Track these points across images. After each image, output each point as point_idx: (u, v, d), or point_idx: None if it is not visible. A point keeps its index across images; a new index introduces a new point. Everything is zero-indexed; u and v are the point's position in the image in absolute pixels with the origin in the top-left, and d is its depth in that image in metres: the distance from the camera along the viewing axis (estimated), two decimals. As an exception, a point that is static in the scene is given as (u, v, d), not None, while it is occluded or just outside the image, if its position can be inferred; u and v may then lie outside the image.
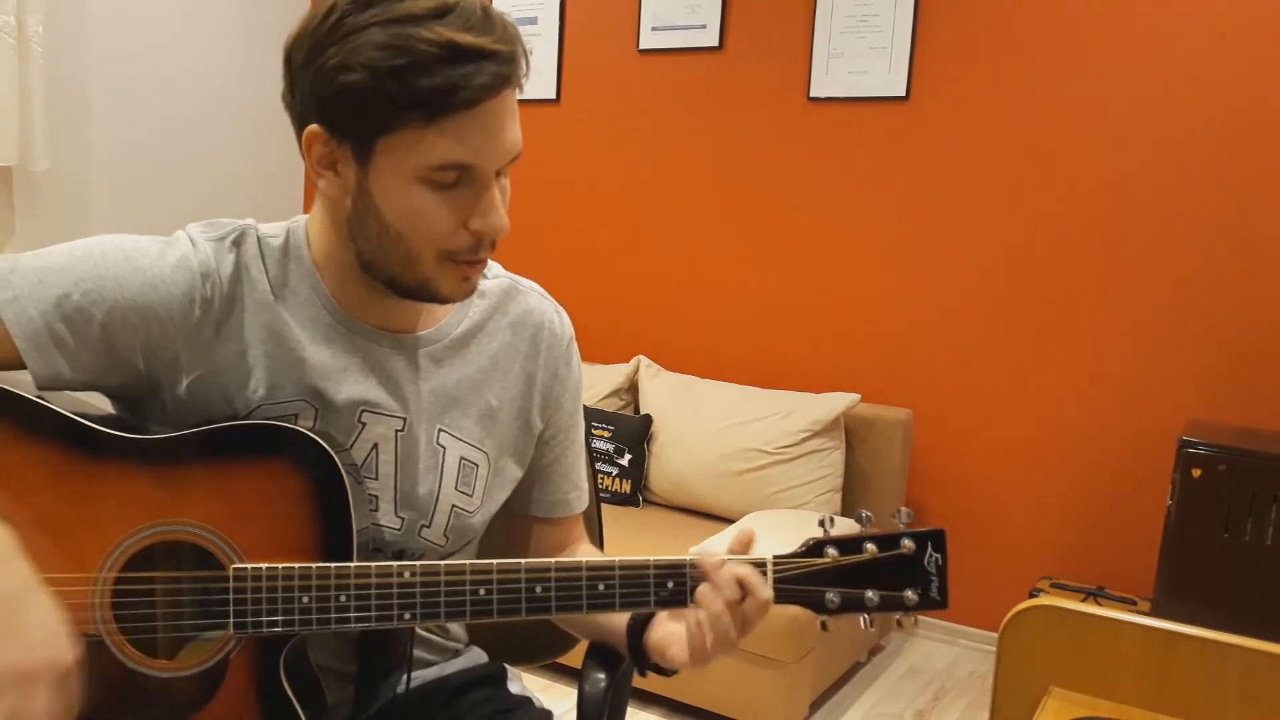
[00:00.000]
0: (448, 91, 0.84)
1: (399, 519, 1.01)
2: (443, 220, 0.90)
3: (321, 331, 0.98)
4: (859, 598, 0.94)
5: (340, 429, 0.98)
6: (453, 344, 1.04)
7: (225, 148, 3.53)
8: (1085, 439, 2.84)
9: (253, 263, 0.97)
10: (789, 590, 0.94)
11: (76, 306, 0.90)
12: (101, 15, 3.16)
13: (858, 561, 0.94)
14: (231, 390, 0.95)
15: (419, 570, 0.90)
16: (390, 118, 0.85)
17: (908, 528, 0.95)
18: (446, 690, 1.10)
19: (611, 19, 3.43)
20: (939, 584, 0.94)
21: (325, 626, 0.90)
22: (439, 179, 0.88)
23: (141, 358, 0.93)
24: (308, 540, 0.91)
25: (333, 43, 0.86)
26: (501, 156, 0.90)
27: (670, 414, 3.03)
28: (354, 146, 0.89)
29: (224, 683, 0.91)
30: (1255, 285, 2.61)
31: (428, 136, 0.86)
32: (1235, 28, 2.58)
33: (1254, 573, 2.18)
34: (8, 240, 3.02)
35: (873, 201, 3.07)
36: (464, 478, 1.04)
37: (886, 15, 2.97)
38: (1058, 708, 1.03)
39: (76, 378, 0.92)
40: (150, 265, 0.92)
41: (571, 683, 2.54)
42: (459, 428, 1.04)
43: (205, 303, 0.94)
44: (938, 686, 2.79)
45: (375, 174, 0.89)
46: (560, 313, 1.14)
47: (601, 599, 0.93)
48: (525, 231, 3.66)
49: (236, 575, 0.89)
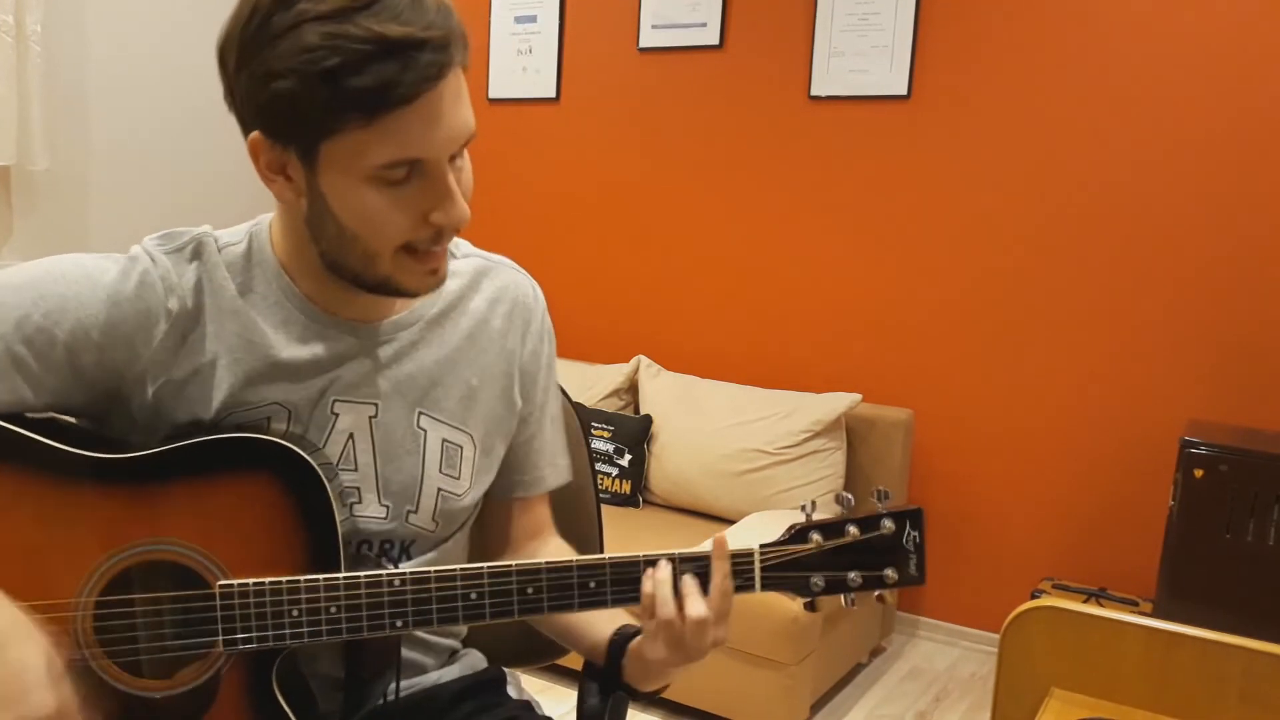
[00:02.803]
0: (383, 89, 0.80)
1: (383, 507, 1.00)
2: (399, 219, 0.87)
3: (296, 332, 0.97)
4: (842, 579, 0.95)
5: (314, 423, 0.97)
6: (426, 326, 1.02)
7: (224, 146, 3.52)
8: (1086, 439, 2.83)
9: (215, 271, 0.95)
10: (776, 578, 0.95)
11: (38, 327, 0.88)
12: (100, 14, 3.16)
13: (840, 544, 0.95)
14: (199, 400, 0.94)
15: (409, 578, 0.90)
16: (329, 121, 0.82)
17: (886, 508, 0.96)
18: (445, 696, 1.09)
19: (611, 17, 3.43)
20: (917, 561, 0.96)
21: (317, 639, 0.89)
22: (389, 177, 0.85)
23: (106, 376, 0.92)
24: (291, 549, 0.90)
25: (261, 46, 0.82)
26: (450, 144, 0.86)
27: (670, 414, 3.02)
28: (299, 151, 0.86)
29: (217, 699, 0.90)
30: (1256, 285, 2.60)
31: (370, 137, 0.83)
32: (1237, 27, 2.58)
33: (1256, 573, 2.17)
34: (6, 239, 3.02)
35: (873, 200, 3.06)
36: (448, 460, 1.03)
37: (887, 14, 2.96)
38: (1059, 709, 1.03)
39: (40, 400, 0.91)
40: (111, 283, 0.91)
41: (571, 684, 2.54)
42: (440, 409, 1.02)
43: (170, 316, 0.93)
44: (939, 688, 2.79)
45: (324, 177, 0.86)
46: (534, 286, 1.12)
47: (593, 596, 0.92)
48: (525, 231, 3.66)
49: (223, 592, 0.88)
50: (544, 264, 3.59)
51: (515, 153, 3.67)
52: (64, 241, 3.14)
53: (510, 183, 3.68)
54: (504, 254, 1.12)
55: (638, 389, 3.19)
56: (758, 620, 2.36)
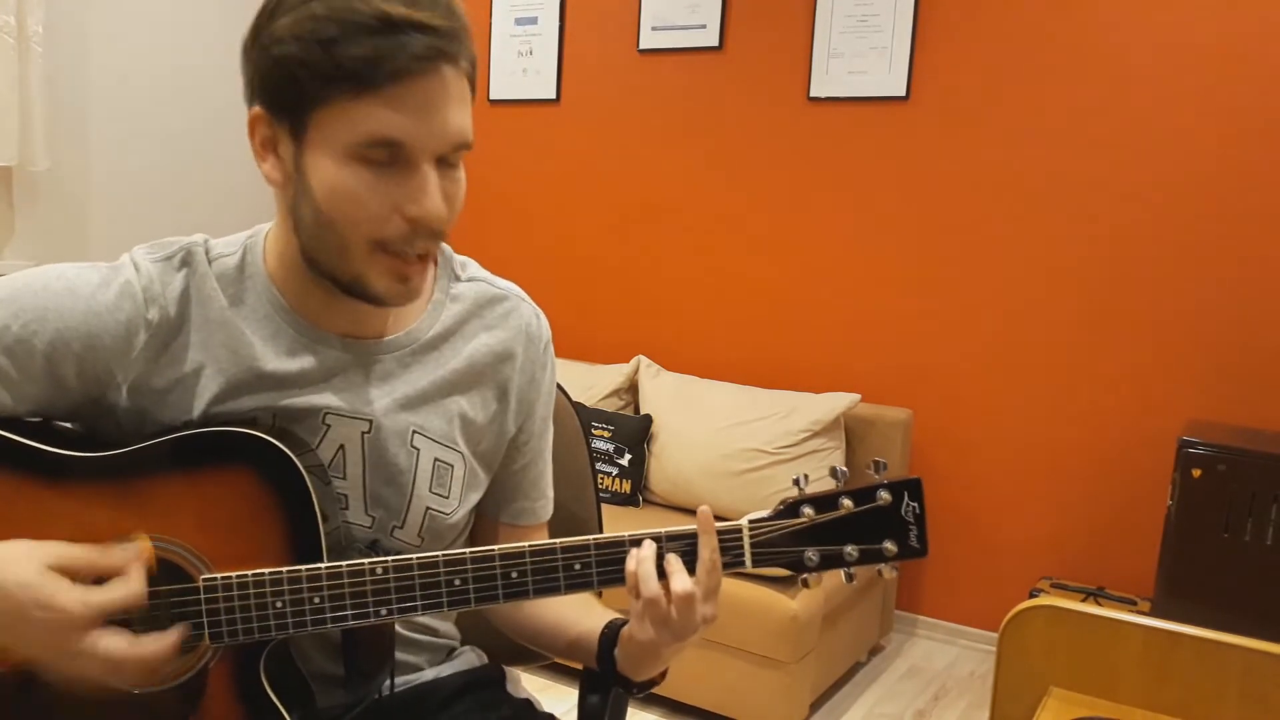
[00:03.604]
0: (375, 61, 0.82)
1: (369, 518, 1.00)
2: (372, 203, 0.86)
3: (285, 345, 0.96)
4: (838, 554, 0.92)
5: (304, 431, 0.97)
6: (422, 348, 1.02)
7: (225, 148, 3.52)
8: (1085, 439, 2.84)
9: (204, 282, 0.96)
10: (767, 553, 0.93)
11: (17, 338, 0.89)
12: (101, 15, 3.16)
13: (835, 518, 0.92)
14: (181, 408, 0.94)
15: (391, 565, 0.89)
16: (320, 89, 0.84)
17: (884, 479, 0.93)
18: (444, 693, 1.09)
19: (611, 19, 3.43)
20: (918, 532, 0.92)
21: (302, 629, 0.89)
22: (369, 156, 0.85)
23: (86, 385, 0.93)
24: (275, 544, 0.90)
25: (274, 18, 0.86)
26: (437, 139, 0.86)
27: (670, 414, 3.03)
28: (290, 125, 0.87)
29: (205, 694, 0.90)
30: (1255, 285, 2.61)
31: (357, 109, 0.84)
32: (1236, 26, 2.58)
33: (1254, 573, 2.18)
34: (8, 240, 3.03)
35: (873, 201, 3.07)
36: (439, 479, 1.02)
37: (887, 15, 2.97)
38: (1058, 708, 1.03)
39: (21, 408, 0.92)
40: (92, 294, 0.92)
41: (572, 683, 2.54)
42: (432, 429, 1.02)
43: (150, 326, 0.93)
44: (938, 687, 2.79)
45: (309, 155, 0.87)
46: (539, 315, 1.11)
47: (579, 578, 0.91)
48: (525, 231, 3.66)
49: (207, 586, 0.88)
50: (544, 264, 3.59)
51: (515, 153, 3.67)
52: (64, 242, 3.14)
53: (510, 183, 3.68)
54: (504, 252, 1.12)
55: (638, 389, 3.19)
56: (757, 619, 2.36)
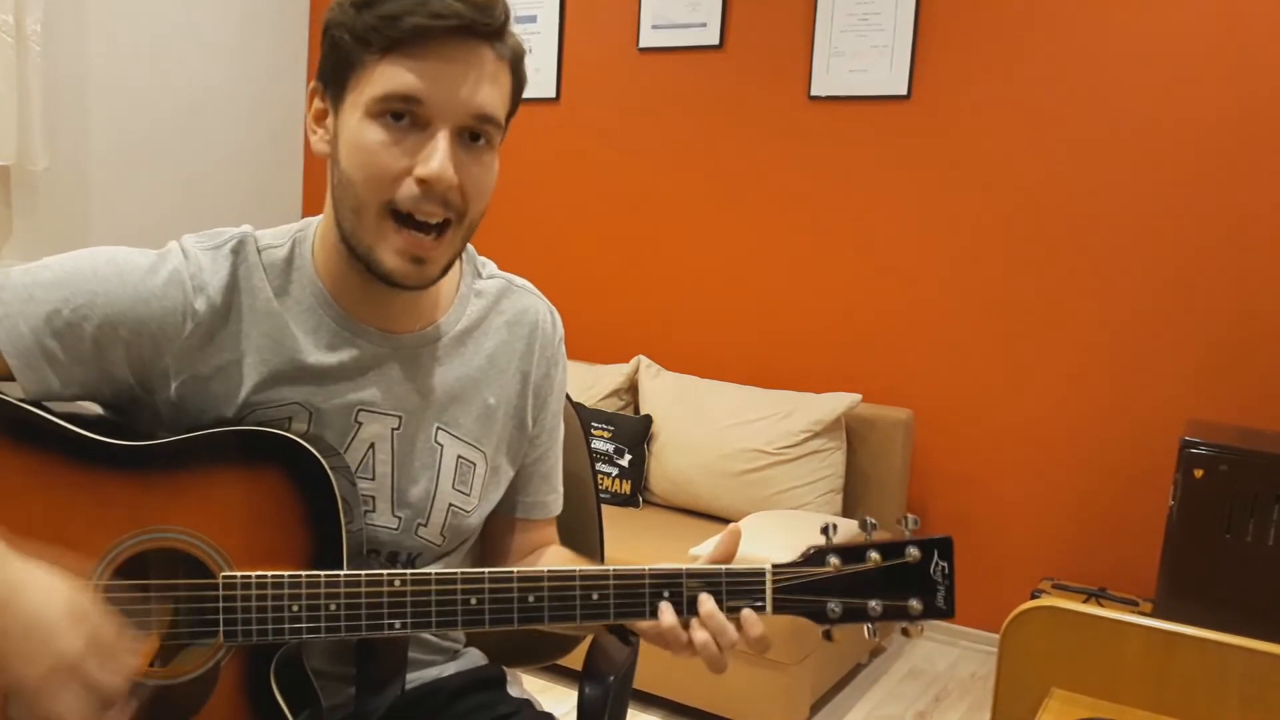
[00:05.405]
0: (399, 17, 0.86)
1: (396, 518, 1.01)
2: (386, 161, 0.88)
3: (325, 338, 0.98)
4: (861, 608, 0.91)
5: (336, 430, 0.98)
6: (451, 342, 1.04)
7: (223, 146, 3.52)
8: (1086, 439, 2.83)
9: (253, 272, 0.97)
10: (789, 601, 0.91)
11: (67, 322, 0.90)
12: (99, 14, 3.16)
13: (860, 570, 0.91)
14: (223, 396, 0.95)
15: (409, 579, 0.90)
16: (354, 52, 0.89)
17: (913, 535, 0.91)
18: (445, 693, 1.09)
19: (612, 17, 3.43)
20: (945, 593, 0.91)
21: (315, 635, 0.89)
22: (387, 109, 0.88)
23: (133, 370, 0.93)
24: (298, 546, 0.91)
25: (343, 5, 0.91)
26: (456, 107, 0.89)
27: (670, 414, 3.02)
28: (334, 93, 0.92)
29: (215, 689, 0.90)
30: (1256, 285, 2.60)
31: (380, 67, 0.88)
32: (1235, 24, 2.58)
33: (1256, 573, 2.17)
34: (6, 239, 3.02)
35: (873, 201, 3.06)
36: (461, 477, 1.04)
37: (888, 14, 2.96)
38: (1059, 709, 1.03)
39: (68, 391, 0.92)
40: (141, 279, 0.93)
41: (571, 684, 2.53)
42: (457, 426, 1.04)
43: (196, 315, 0.94)
44: (939, 688, 2.79)
45: (342, 114, 0.91)
46: (552, 312, 1.14)
47: (596, 608, 0.91)
48: (525, 230, 3.65)
49: (226, 583, 0.88)
50: (544, 264, 3.59)
51: (515, 153, 3.66)
52: (64, 241, 3.14)
53: (510, 183, 3.67)
54: (504, 250, 1.14)
55: (638, 389, 3.19)
56: (758, 620, 2.35)
